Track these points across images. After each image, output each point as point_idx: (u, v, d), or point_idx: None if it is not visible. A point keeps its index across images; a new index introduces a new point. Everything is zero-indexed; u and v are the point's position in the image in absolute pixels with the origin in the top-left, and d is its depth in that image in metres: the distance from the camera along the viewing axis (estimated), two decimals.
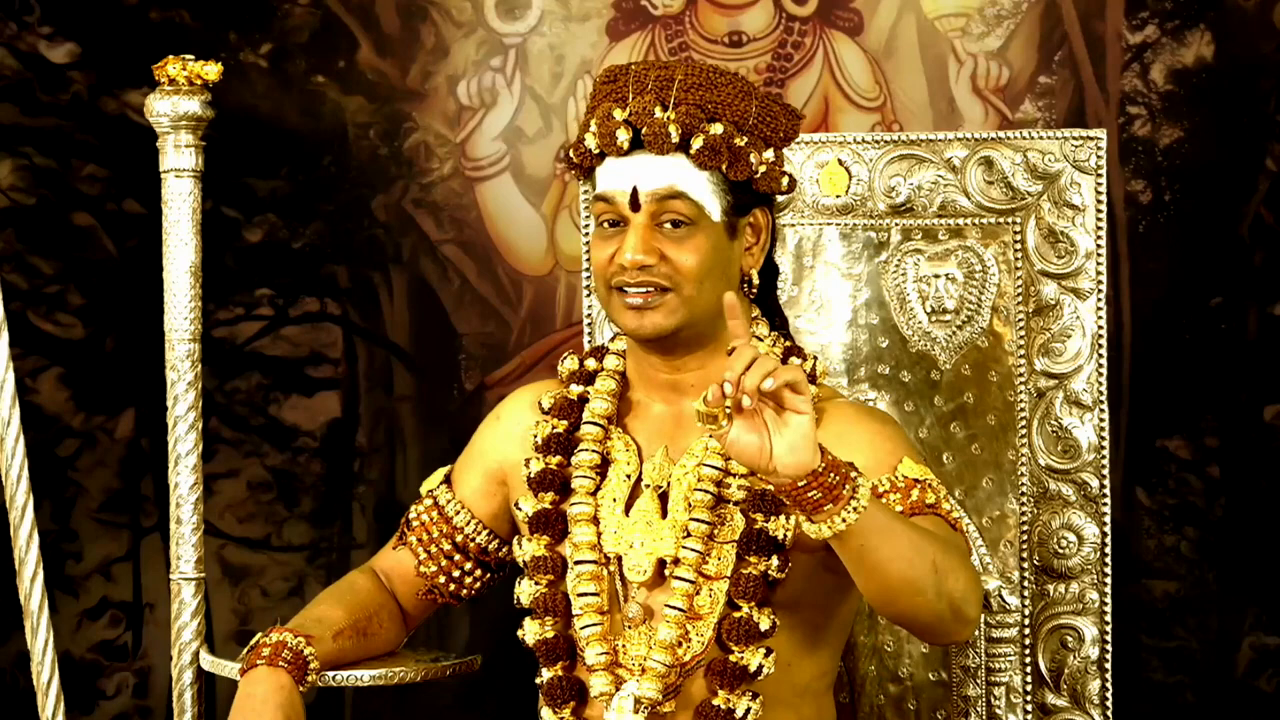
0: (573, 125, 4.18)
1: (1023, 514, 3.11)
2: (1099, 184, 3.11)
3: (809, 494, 2.28)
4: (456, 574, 2.76)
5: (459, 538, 2.76)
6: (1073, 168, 3.11)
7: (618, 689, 2.56)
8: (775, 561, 2.54)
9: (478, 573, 2.77)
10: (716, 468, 2.56)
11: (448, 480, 2.79)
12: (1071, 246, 3.11)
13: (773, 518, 2.55)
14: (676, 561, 2.56)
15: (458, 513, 2.76)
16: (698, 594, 2.55)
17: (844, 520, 2.29)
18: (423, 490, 2.81)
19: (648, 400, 2.67)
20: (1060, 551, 3.10)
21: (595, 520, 2.61)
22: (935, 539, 2.43)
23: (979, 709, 3.10)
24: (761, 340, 2.65)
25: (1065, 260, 3.11)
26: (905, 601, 2.40)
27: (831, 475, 2.28)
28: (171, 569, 3.01)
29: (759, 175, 2.58)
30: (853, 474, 2.30)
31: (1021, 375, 3.12)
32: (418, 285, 4.24)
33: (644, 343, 2.61)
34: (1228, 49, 4.10)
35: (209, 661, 2.92)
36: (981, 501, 3.11)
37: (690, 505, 2.57)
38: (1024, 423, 3.11)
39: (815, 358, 2.68)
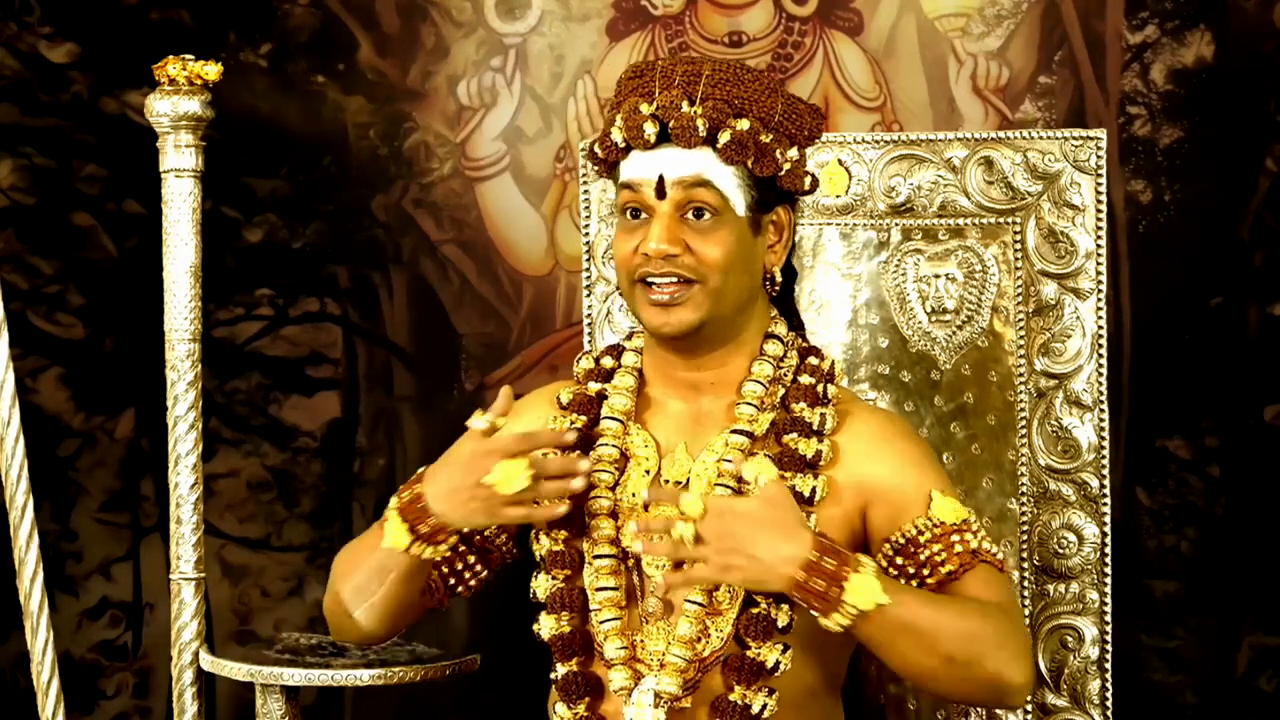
0: (573, 125, 4.18)
1: (1023, 514, 3.11)
2: (1099, 184, 3.11)
3: (813, 585, 2.38)
4: (459, 566, 2.73)
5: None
6: (1073, 168, 3.11)
7: (637, 684, 2.56)
8: None
9: (477, 567, 2.73)
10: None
11: None
12: (1071, 246, 3.11)
13: None
14: None
15: None
16: (717, 589, 2.55)
17: (852, 609, 2.39)
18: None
19: (665, 397, 2.66)
20: (1060, 551, 3.10)
21: (614, 515, 2.60)
22: (972, 616, 2.48)
23: (979, 709, 3.10)
24: (780, 339, 2.65)
25: (1065, 260, 3.11)
26: (937, 685, 2.48)
27: (827, 560, 2.38)
28: (171, 569, 3.01)
29: (784, 173, 2.57)
30: (852, 563, 2.40)
31: (1021, 375, 3.11)
32: (418, 285, 4.23)
33: (666, 341, 2.60)
34: (1228, 49, 4.09)
35: (209, 661, 2.92)
36: (981, 501, 3.10)
37: None
38: (1024, 423, 3.11)
39: (833, 359, 2.67)
